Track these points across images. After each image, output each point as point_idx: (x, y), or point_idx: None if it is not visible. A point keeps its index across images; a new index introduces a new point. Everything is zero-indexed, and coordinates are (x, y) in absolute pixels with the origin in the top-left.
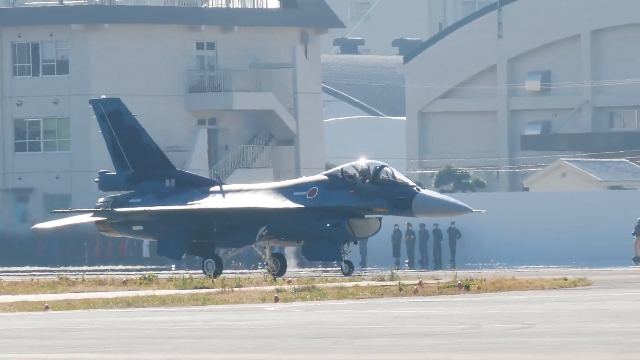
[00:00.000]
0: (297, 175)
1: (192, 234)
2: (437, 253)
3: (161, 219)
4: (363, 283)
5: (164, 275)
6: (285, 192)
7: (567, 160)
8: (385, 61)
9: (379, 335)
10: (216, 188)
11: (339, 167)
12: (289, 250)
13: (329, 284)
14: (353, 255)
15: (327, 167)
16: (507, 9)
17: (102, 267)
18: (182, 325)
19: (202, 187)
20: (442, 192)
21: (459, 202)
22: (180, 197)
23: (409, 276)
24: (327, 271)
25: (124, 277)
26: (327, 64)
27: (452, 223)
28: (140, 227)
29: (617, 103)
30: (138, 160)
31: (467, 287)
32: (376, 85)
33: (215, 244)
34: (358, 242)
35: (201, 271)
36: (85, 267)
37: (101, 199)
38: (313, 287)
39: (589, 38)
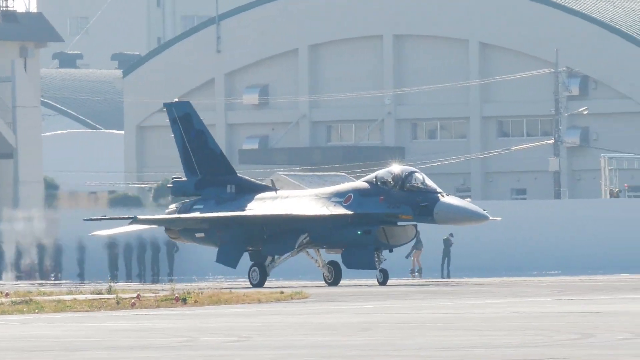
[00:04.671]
0: (16, 189)
1: (245, 242)
2: (155, 266)
3: (219, 227)
4: (81, 296)
5: None
6: (325, 198)
7: (283, 174)
8: (105, 75)
9: (95, 348)
10: (264, 194)
11: (375, 173)
12: None
13: (47, 297)
14: (72, 265)
15: (46, 181)
16: (225, 23)
17: None
18: None
19: (256, 193)
20: (159, 206)
21: (480, 210)
22: (235, 204)
23: (127, 289)
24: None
25: None
26: (46, 78)
27: None
28: (202, 235)
29: (334, 117)
30: (205, 165)
31: (185, 300)
32: (95, 99)
33: (262, 252)
34: (392, 250)
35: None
36: None
37: (172, 206)
38: (30, 300)
39: (307, 52)
